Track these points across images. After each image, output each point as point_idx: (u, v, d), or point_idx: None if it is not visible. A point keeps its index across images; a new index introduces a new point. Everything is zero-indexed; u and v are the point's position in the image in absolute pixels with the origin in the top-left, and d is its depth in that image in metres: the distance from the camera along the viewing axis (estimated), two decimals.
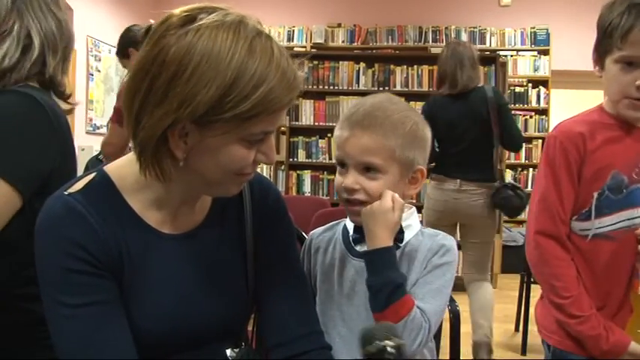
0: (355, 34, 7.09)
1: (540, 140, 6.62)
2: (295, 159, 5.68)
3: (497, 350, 3.86)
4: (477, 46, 6.80)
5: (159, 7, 6.64)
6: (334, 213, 1.36)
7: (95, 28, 6.13)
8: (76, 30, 6.16)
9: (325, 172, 5.65)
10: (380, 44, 7.01)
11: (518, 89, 6.72)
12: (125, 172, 1.01)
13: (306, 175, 5.68)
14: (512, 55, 6.82)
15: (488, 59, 5.65)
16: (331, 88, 5.66)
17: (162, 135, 0.89)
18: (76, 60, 5.80)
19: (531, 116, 6.73)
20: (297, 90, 0.93)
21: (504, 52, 6.71)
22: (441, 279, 1.19)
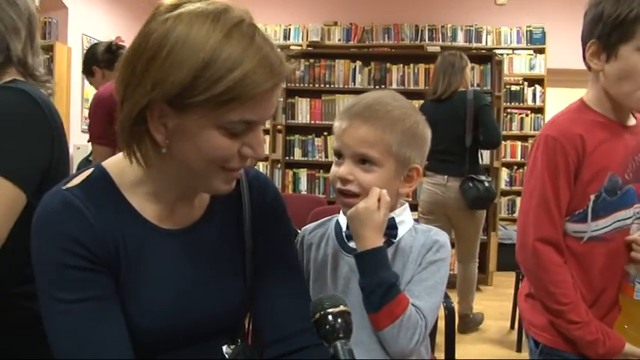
0: (351, 32, 7.09)
1: None
2: (291, 157, 5.68)
3: (493, 347, 3.88)
4: (473, 45, 6.84)
5: (153, 4, 6.63)
6: (330, 211, 1.36)
7: (90, 26, 6.11)
8: (72, 29, 6.09)
9: (321, 171, 5.64)
10: (376, 43, 7.01)
11: (514, 88, 6.74)
12: (123, 167, 1.01)
13: (302, 174, 5.68)
14: (508, 54, 6.83)
15: (484, 58, 5.66)
16: (327, 86, 5.66)
17: (138, 116, 0.90)
18: (72, 59, 5.79)
19: (527, 115, 6.74)
20: (279, 77, 0.91)
21: (500, 50, 6.72)
22: (436, 275, 1.20)
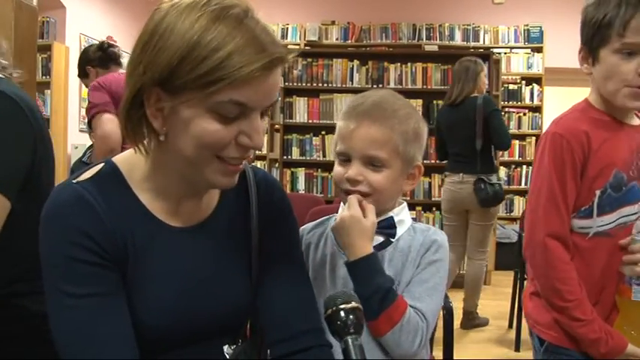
0: (349, 31, 7.09)
1: (534, 137, 6.65)
2: (289, 156, 5.67)
3: (491, 346, 3.89)
4: (471, 44, 6.85)
5: (151, 4, 6.63)
6: (328, 210, 1.36)
7: (88, 26, 6.10)
8: (70, 28, 6.10)
9: (319, 170, 5.64)
10: (374, 42, 7.01)
11: (511, 87, 6.75)
12: (133, 163, 1.01)
13: (300, 173, 5.68)
14: (505, 53, 6.84)
15: (481, 57, 5.65)
16: (325, 85, 5.66)
17: (134, 101, 0.91)
18: (69, 58, 5.78)
19: (525, 114, 6.75)
20: (270, 57, 0.88)
21: (498, 49, 6.73)
22: (436, 276, 1.19)
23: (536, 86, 6.77)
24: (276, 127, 5.90)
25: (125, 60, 1.58)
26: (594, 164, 1.37)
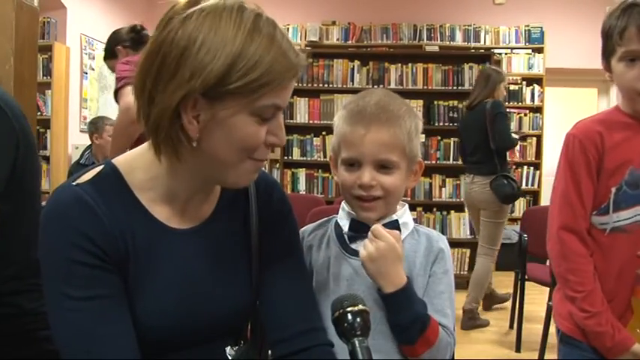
0: (350, 32, 7.08)
1: (535, 138, 6.64)
2: (290, 157, 5.68)
3: (492, 347, 3.88)
4: (472, 44, 6.84)
5: (152, 4, 6.64)
6: (329, 211, 1.36)
7: (89, 26, 6.10)
8: (70, 28, 6.09)
9: (320, 170, 5.65)
10: (374, 42, 7.00)
11: (512, 87, 6.72)
12: (134, 165, 1.01)
13: (301, 173, 5.68)
14: (506, 53, 6.83)
15: (482, 57, 5.66)
16: (326, 86, 5.66)
17: (175, 110, 0.90)
18: (70, 58, 5.79)
19: (525, 114, 6.73)
20: (301, 65, 0.96)
21: (499, 50, 6.72)
22: (450, 286, 1.22)
23: (537, 87, 6.75)
24: None
25: None
26: (609, 162, 1.44)
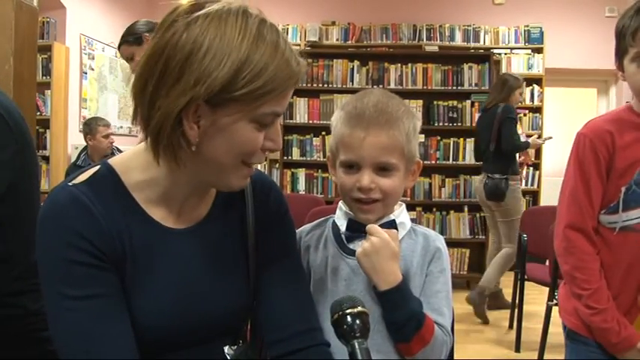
0: (349, 32, 7.08)
1: None
2: (289, 157, 5.68)
3: (491, 347, 3.89)
4: (471, 45, 6.84)
5: (152, 5, 6.64)
6: (328, 211, 1.36)
7: (89, 26, 6.10)
8: (70, 28, 6.09)
9: (319, 170, 5.64)
10: (374, 42, 7.00)
11: None
12: (130, 166, 1.01)
13: (301, 174, 5.68)
14: (506, 54, 6.82)
15: (482, 57, 5.67)
16: (325, 86, 5.66)
17: (177, 116, 0.89)
18: (70, 58, 5.78)
19: (525, 114, 6.73)
20: (301, 73, 0.96)
21: (498, 50, 6.71)
22: (446, 285, 1.21)
23: (537, 87, 6.74)
24: None
25: None
26: (620, 162, 1.45)
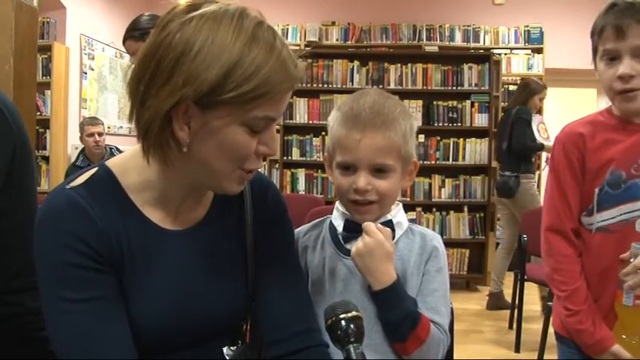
0: (349, 32, 7.09)
1: None
2: (289, 157, 5.67)
3: (491, 347, 3.88)
4: (471, 45, 6.85)
5: (152, 5, 6.63)
6: (328, 211, 1.36)
7: (89, 26, 6.10)
8: (70, 29, 6.08)
9: (319, 171, 5.64)
10: (374, 42, 7.01)
11: (512, 87, 6.70)
12: (128, 167, 1.01)
13: (300, 174, 5.68)
14: (506, 54, 6.83)
15: (482, 58, 5.66)
16: (325, 86, 5.66)
17: (166, 115, 0.89)
18: (70, 58, 5.78)
19: None
20: (298, 77, 0.95)
21: (498, 50, 6.72)
22: (443, 283, 1.21)
23: None
24: (276, 127, 5.90)
25: None
26: (592, 163, 1.46)
